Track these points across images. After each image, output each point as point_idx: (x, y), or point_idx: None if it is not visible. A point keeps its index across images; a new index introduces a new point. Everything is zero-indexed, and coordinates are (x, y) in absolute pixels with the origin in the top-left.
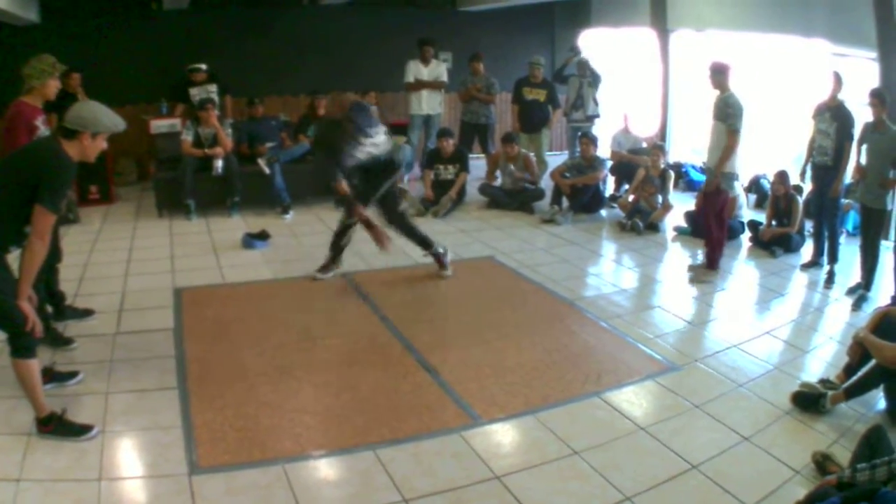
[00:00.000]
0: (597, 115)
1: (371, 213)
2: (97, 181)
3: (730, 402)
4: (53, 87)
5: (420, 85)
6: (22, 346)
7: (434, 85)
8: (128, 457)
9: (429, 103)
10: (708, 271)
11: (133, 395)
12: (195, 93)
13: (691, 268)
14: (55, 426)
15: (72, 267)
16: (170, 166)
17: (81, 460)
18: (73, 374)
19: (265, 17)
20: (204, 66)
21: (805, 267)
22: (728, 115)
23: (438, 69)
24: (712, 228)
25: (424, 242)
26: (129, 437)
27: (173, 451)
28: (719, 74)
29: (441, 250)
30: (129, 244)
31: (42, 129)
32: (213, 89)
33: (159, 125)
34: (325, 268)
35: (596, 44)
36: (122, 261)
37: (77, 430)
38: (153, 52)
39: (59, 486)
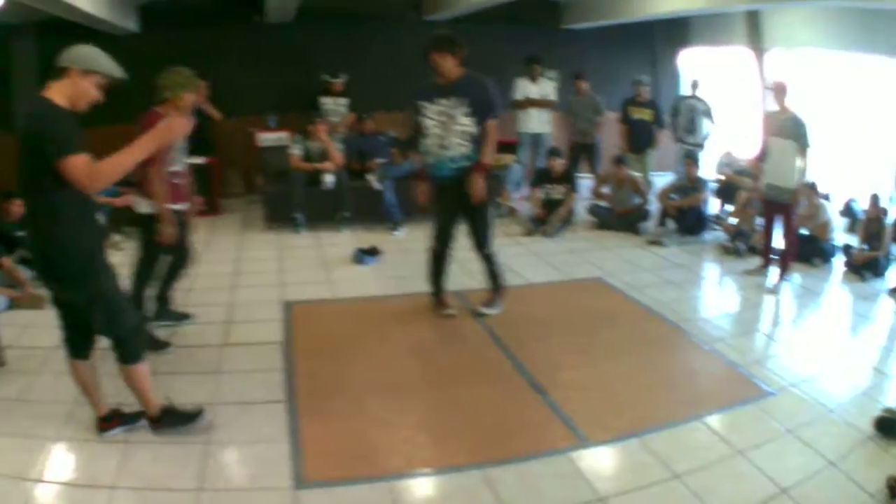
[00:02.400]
0: (707, 138)
1: None
2: (204, 192)
3: (819, 427)
4: (189, 100)
5: (528, 103)
6: (129, 353)
7: (542, 103)
8: (231, 468)
9: (537, 122)
10: (783, 280)
11: (239, 407)
12: (326, 101)
13: (771, 290)
14: (166, 419)
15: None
16: (277, 179)
17: (181, 469)
18: (142, 415)
19: (371, 31)
20: (341, 78)
21: (892, 292)
22: (801, 135)
23: (547, 87)
24: (794, 242)
25: None
26: (233, 449)
27: (278, 465)
28: (782, 94)
29: None
30: (237, 255)
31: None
32: (343, 102)
33: (266, 138)
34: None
35: (695, 62)
36: (229, 272)
37: (189, 417)
38: (258, 64)
39: (155, 496)
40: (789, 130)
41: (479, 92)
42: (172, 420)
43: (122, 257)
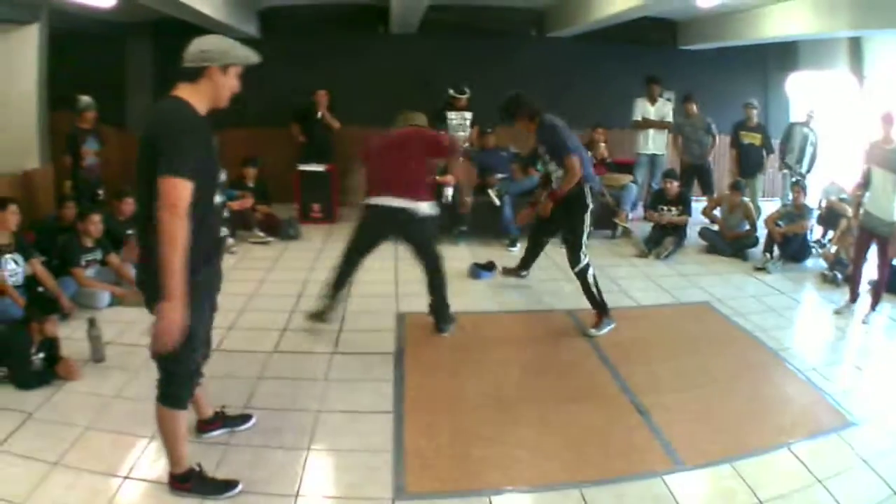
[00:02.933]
0: (813, 168)
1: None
2: (320, 199)
3: (891, 458)
4: None
5: (647, 124)
6: (169, 394)
7: (660, 125)
8: (331, 476)
9: (655, 143)
10: (872, 311)
11: (345, 416)
12: (453, 117)
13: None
14: (195, 483)
15: (292, 282)
16: None
17: (281, 474)
18: (246, 418)
19: (493, 46)
20: (467, 93)
21: None
22: None
23: (664, 108)
24: (886, 276)
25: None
26: (336, 457)
27: (380, 475)
28: (889, 124)
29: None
30: None
31: None
32: (468, 116)
33: None
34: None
35: (803, 87)
36: None
37: (220, 487)
38: (378, 74)
39: (250, 499)
40: (893, 162)
41: (549, 137)
42: (201, 486)
43: (233, 261)
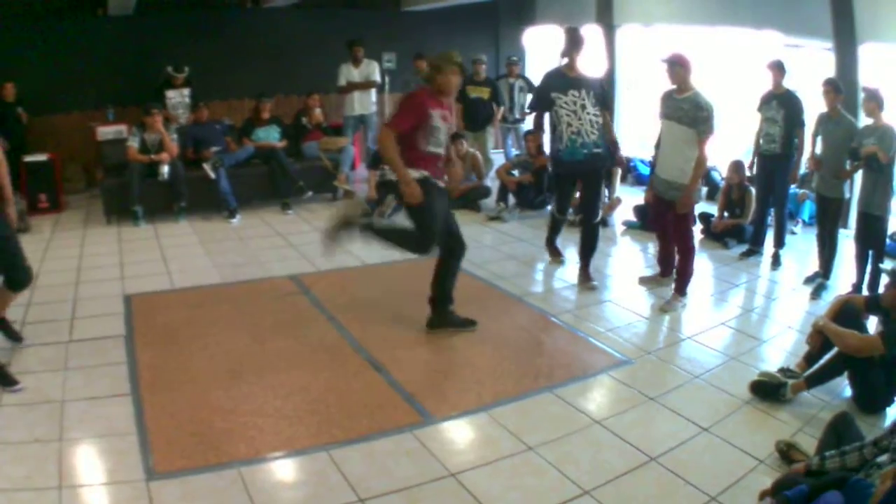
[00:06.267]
0: (522, 119)
1: None
2: (46, 189)
3: (686, 394)
4: (454, 83)
5: (351, 87)
6: (18, 282)
7: (366, 85)
8: (86, 464)
9: (361, 104)
10: (679, 297)
11: (88, 403)
12: (171, 95)
13: (663, 307)
14: None
15: None
16: (117, 173)
17: (41, 468)
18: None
19: (210, 20)
20: (186, 71)
21: (743, 256)
22: (701, 120)
23: (369, 68)
24: (690, 249)
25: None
26: (87, 445)
27: (130, 458)
28: (681, 69)
29: None
30: (80, 252)
31: (436, 121)
32: (186, 93)
33: (106, 132)
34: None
35: (540, 41)
36: (72, 269)
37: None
38: (98, 57)
39: (20, 496)
40: (679, 112)
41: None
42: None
43: None
